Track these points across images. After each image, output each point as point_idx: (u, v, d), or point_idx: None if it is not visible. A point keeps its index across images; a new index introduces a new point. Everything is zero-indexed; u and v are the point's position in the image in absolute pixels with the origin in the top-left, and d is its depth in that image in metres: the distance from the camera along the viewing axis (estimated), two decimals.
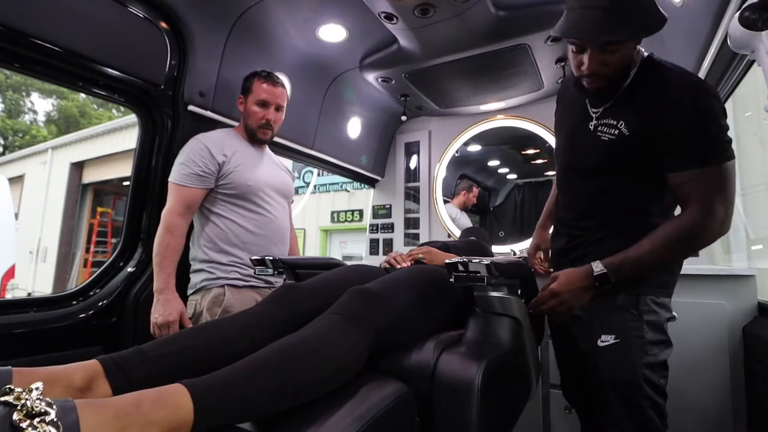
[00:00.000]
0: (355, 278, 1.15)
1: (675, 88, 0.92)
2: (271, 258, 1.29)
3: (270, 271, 1.31)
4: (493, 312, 0.99)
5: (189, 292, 1.47)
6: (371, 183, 3.08)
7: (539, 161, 2.61)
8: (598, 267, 0.96)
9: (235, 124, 1.75)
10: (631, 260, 0.94)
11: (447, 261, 0.96)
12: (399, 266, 1.35)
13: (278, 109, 1.57)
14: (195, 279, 1.47)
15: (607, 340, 1.01)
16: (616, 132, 0.99)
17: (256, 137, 1.57)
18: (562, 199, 1.22)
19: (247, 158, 1.52)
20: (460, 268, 0.93)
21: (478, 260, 0.92)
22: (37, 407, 0.47)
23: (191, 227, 1.50)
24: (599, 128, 1.03)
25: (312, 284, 1.11)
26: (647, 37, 0.93)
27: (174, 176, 1.43)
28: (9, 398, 0.47)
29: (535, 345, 1.18)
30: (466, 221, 2.74)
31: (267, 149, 1.68)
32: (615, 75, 0.97)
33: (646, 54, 1.01)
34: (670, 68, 0.96)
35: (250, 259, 1.34)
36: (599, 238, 1.05)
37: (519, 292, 1.03)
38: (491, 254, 1.92)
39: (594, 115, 1.06)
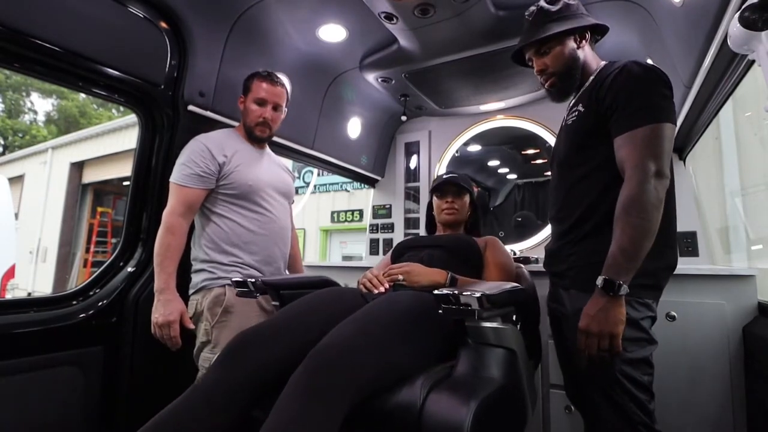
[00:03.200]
0: (326, 308, 1.08)
1: (615, 68, 1.05)
2: (252, 280, 1.22)
3: (255, 293, 1.22)
4: (486, 343, 0.93)
5: (190, 291, 1.47)
6: (371, 183, 3.08)
7: (539, 161, 2.61)
8: (599, 280, 0.95)
9: (235, 124, 1.75)
10: (617, 253, 0.94)
11: (435, 292, 0.88)
12: (377, 290, 1.21)
13: (276, 108, 1.56)
14: (196, 279, 1.47)
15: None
16: (576, 112, 1.11)
17: (254, 135, 1.56)
18: (549, 198, 1.25)
19: (247, 158, 1.52)
20: (450, 300, 0.86)
21: (469, 292, 0.85)
22: None
23: (192, 227, 1.50)
24: (568, 118, 1.16)
25: (275, 325, 1.02)
26: (648, 38, 0.95)
27: (175, 176, 1.43)
28: None
29: (532, 372, 1.12)
30: None
31: (267, 149, 1.68)
32: (558, 71, 1.15)
33: (605, 62, 1.17)
34: (616, 62, 1.10)
35: (231, 281, 1.29)
36: (582, 237, 1.06)
37: (514, 317, 0.98)
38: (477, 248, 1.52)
39: (567, 113, 1.20)
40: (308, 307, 1.10)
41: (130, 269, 1.58)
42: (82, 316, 1.42)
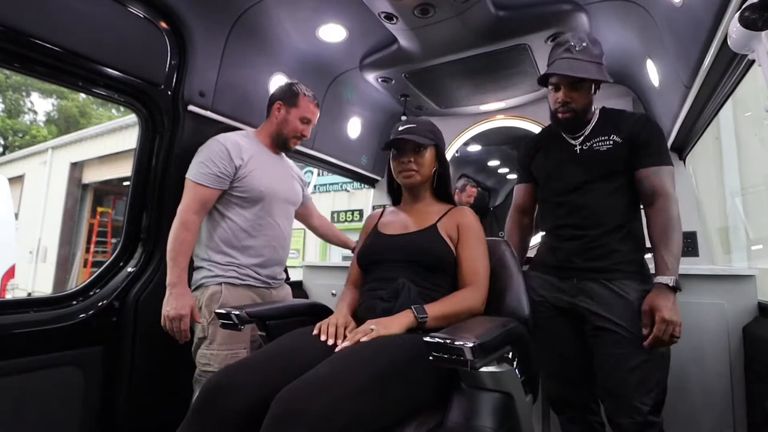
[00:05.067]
0: (310, 347, 1.04)
1: (637, 115, 1.32)
2: (236, 312, 1.17)
3: (239, 326, 1.17)
4: (481, 388, 0.87)
5: (191, 288, 1.48)
6: (371, 183, 3.08)
7: None
8: (667, 280, 1.14)
9: (235, 123, 1.75)
10: (674, 260, 1.17)
11: (426, 340, 0.80)
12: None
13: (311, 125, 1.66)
14: (196, 276, 1.48)
15: (643, 356, 1.18)
16: (611, 142, 1.29)
17: (287, 145, 1.62)
18: (569, 212, 1.33)
19: (263, 164, 1.54)
20: (441, 348, 0.80)
21: (462, 342, 0.78)
22: None
23: None
24: (594, 145, 1.31)
25: (255, 365, 0.97)
26: (648, 38, 0.95)
27: (192, 174, 1.44)
28: None
29: (529, 412, 1.04)
30: None
31: (284, 156, 1.70)
32: (579, 108, 1.29)
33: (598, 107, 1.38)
34: (623, 110, 1.37)
35: (215, 312, 1.26)
36: (622, 239, 1.26)
37: (510, 355, 0.93)
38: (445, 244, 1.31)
39: (575, 142, 1.35)
40: (292, 345, 1.06)
41: (130, 269, 1.58)
42: (82, 316, 1.42)
